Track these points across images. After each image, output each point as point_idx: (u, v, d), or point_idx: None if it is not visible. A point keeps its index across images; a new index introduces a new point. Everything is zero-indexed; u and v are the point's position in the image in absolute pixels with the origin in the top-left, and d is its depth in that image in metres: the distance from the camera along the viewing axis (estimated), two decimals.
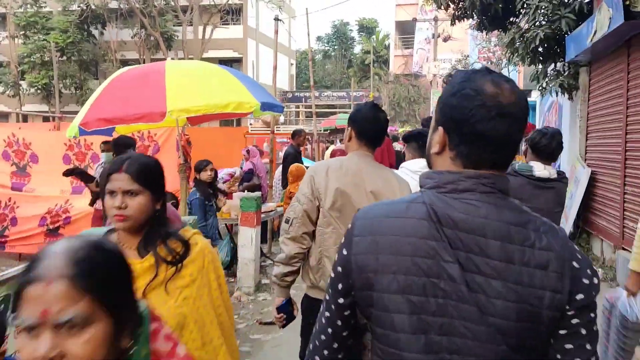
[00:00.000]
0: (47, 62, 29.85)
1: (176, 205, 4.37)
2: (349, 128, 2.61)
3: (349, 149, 2.63)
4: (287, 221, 2.54)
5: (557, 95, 9.12)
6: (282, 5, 28.58)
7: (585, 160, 7.80)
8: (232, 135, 13.01)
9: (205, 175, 5.69)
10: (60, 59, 30.21)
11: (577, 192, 7.34)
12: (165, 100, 5.13)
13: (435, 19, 26.04)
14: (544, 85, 9.10)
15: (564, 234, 1.15)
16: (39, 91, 29.61)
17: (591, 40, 6.14)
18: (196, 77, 5.53)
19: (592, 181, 7.26)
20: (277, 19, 7.83)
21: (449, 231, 1.11)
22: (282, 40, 35.28)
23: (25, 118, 27.54)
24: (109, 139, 6.98)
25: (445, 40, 25.40)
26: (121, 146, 5.65)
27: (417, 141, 3.52)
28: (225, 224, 6.97)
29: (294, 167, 7.26)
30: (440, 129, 1.20)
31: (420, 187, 1.23)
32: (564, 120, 9.88)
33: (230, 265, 6.55)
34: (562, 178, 3.37)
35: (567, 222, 7.33)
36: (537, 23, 8.20)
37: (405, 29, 36.95)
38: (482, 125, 1.12)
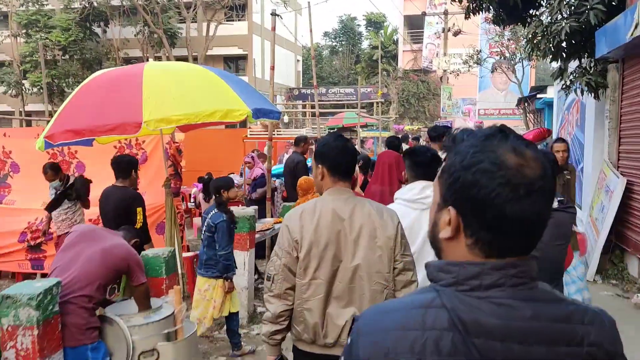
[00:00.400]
0: (49, 61, 29.44)
1: (140, 247, 3.62)
2: (319, 166, 2.43)
3: (324, 188, 2.44)
4: (268, 278, 2.38)
5: (582, 94, 8.37)
6: (287, 0, 27.81)
7: (618, 168, 7.04)
8: (232, 139, 12.33)
9: (234, 193, 5.00)
10: (62, 57, 29.81)
11: (610, 204, 6.59)
12: (142, 109, 4.47)
13: (445, 13, 25.26)
14: (568, 82, 8.34)
15: (610, 320, 1.01)
16: (41, 90, 29.07)
17: (631, 35, 5.38)
18: (178, 82, 4.84)
19: (628, 192, 6.51)
20: (274, 14, 7.10)
21: (481, 342, 0.92)
22: (289, 35, 34.64)
23: (29, 121, 27.09)
24: (55, 158, 6.34)
25: (455, 34, 24.61)
26: (122, 165, 4.95)
27: (411, 159, 3.13)
28: None
29: (303, 180, 6.62)
30: (452, 210, 1.00)
31: (432, 280, 1.03)
32: (588, 121, 9.15)
33: None
34: (565, 208, 2.93)
35: (599, 237, 6.59)
36: (561, 16, 7.45)
37: (414, 24, 36.12)
38: (509, 208, 0.93)
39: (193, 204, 11.10)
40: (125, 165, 4.91)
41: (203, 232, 4.74)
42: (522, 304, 0.94)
